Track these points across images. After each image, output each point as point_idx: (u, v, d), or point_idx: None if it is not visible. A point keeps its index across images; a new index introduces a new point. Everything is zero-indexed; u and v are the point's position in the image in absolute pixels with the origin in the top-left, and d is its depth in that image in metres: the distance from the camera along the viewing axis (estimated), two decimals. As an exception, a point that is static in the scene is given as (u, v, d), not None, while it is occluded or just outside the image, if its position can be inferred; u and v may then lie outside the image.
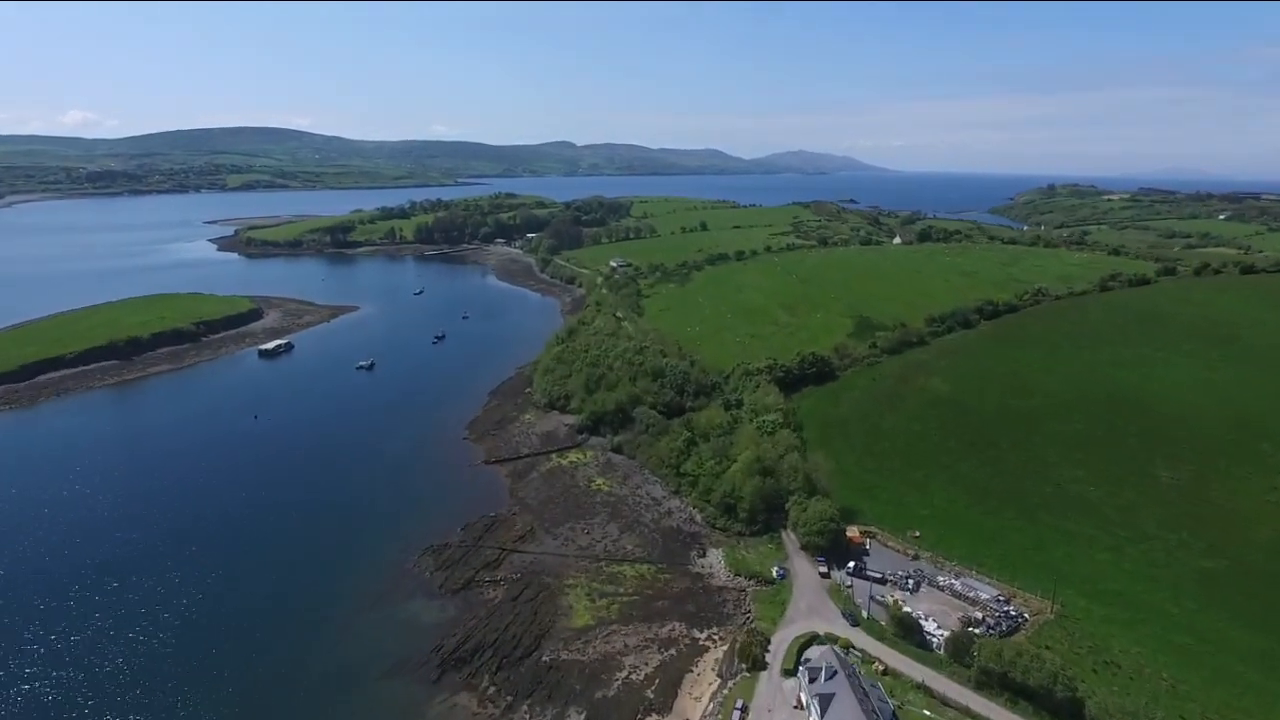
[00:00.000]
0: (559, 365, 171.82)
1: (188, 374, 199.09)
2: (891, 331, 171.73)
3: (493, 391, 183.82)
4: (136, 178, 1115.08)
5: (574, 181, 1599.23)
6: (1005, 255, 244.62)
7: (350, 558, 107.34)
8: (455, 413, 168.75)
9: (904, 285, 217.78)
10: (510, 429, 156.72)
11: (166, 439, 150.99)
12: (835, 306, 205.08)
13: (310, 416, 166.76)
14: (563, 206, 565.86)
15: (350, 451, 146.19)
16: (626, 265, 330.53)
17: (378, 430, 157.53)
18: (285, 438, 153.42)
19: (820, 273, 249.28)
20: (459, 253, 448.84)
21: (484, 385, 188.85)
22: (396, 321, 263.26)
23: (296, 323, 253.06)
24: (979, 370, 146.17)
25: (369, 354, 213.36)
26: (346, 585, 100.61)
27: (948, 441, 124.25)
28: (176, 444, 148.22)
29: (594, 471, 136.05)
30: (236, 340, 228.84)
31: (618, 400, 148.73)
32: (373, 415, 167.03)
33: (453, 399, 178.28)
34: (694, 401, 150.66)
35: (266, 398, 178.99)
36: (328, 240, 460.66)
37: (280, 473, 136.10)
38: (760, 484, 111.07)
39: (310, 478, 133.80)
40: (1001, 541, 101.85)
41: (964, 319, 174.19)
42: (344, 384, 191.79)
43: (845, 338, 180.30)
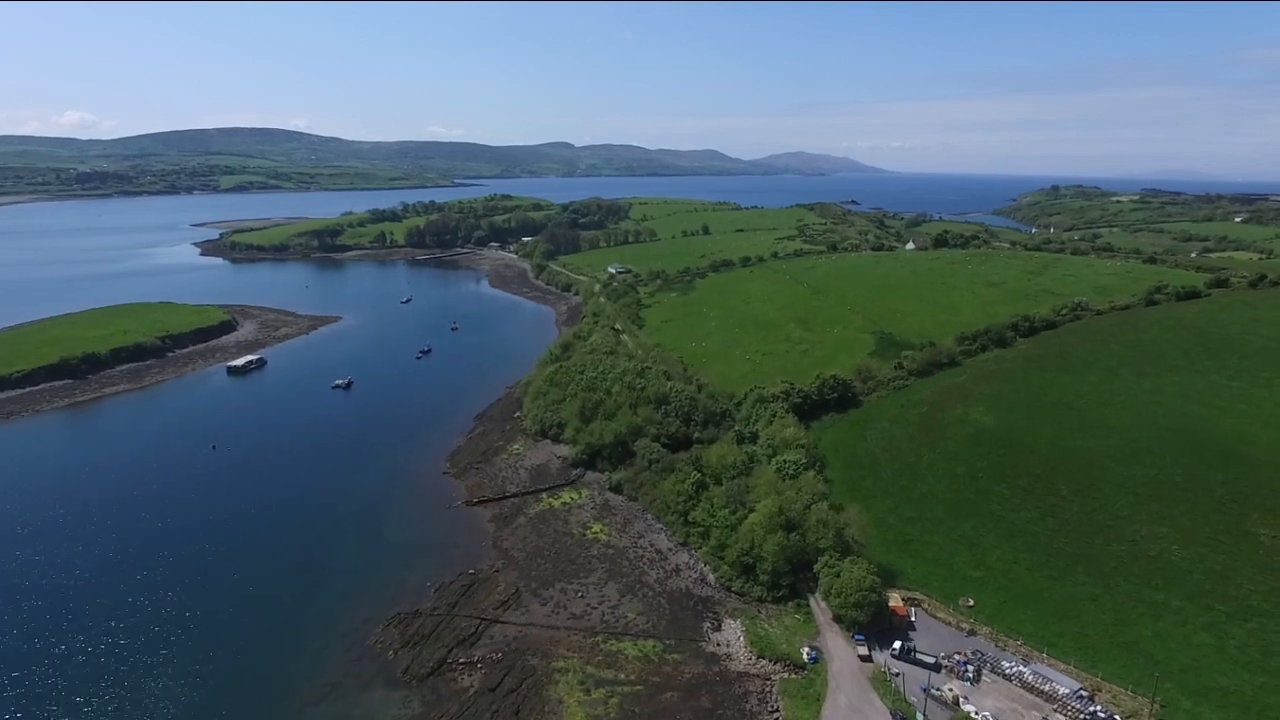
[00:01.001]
0: (551, 388, 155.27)
1: (147, 395, 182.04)
2: (919, 351, 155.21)
3: (479, 415, 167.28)
4: (127, 179, 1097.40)
5: (572, 183, 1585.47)
6: (1031, 263, 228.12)
7: (302, 633, 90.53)
8: (436, 441, 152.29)
9: (926, 297, 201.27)
10: (496, 462, 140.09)
11: (104, 475, 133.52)
12: (853, 321, 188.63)
13: (275, 445, 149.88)
14: (560, 209, 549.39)
15: (316, 489, 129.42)
16: (625, 272, 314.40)
17: (349, 462, 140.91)
18: (244, 472, 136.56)
19: (833, 282, 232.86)
20: (451, 257, 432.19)
21: (470, 407, 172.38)
22: (380, 333, 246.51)
23: (273, 335, 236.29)
24: (1025, 399, 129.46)
25: (347, 371, 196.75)
26: (294, 671, 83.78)
27: (998, 486, 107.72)
28: (116, 480, 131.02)
29: (589, 515, 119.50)
30: (205, 356, 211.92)
31: (616, 431, 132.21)
32: (345, 444, 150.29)
33: (435, 424, 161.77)
34: (702, 432, 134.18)
35: (229, 423, 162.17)
36: (315, 244, 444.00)
37: (232, 518, 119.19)
38: (784, 541, 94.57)
39: (266, 525, 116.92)
40: (1075, 615, 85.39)
41: (998, 337, 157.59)
42: (317, 406, 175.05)
43: (866, 357, 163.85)
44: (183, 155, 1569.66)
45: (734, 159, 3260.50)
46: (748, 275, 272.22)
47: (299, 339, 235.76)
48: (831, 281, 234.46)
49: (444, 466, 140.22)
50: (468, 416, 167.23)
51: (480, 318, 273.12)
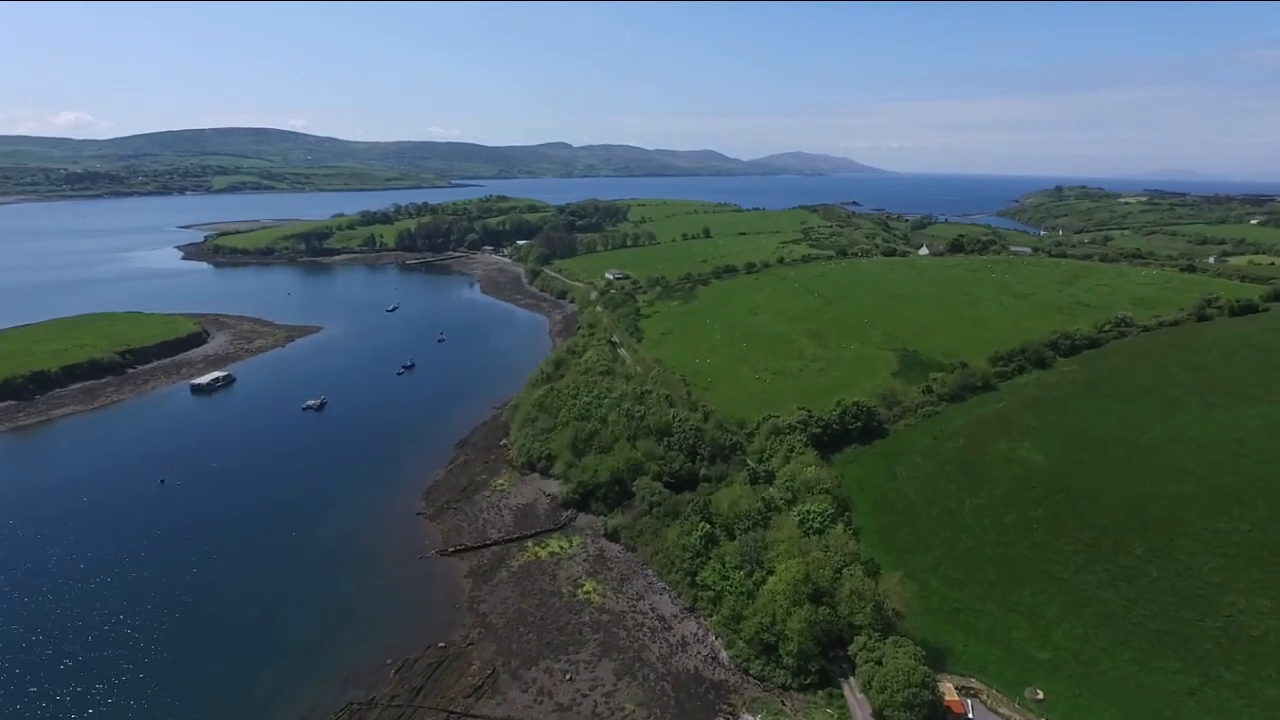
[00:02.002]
0: (541, 414, 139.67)
1: (99, 417, 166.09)
2: (949, 373, 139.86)
3: (461, 442, 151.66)
4: (118, 179, 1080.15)
5: (570, 183, 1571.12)
6: (1059, 272, 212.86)
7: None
8: (413, 473, 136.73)
9: (949, 309, 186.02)
10: (477, 500, 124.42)
11: (26, 517, 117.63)
12: (872, 335, 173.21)
13: (232, 478, 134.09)
14: (556, 210, 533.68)
15: (272, 534, 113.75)
16: (623, 278, 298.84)
17: (313, 500, 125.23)
18: (192, 511, 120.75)
19: (846, 291, 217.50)
20: (443, 261, 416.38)
21: (452, 432, 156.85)
22: (362, 345, 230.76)
23: (246, 348, 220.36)
24: (1079, 433, 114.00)
25: (322, 389, 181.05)
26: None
27: (1057, 541, 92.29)
28: (39, 523, 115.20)
29: (581, 569, 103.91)
30: (169, 372, 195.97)
31: (613, 468, 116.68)
32: (310, 477, 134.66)
33: (412, 452, 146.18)
34: (710, 468, 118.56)
35: (185, 451, 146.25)
36: (302, 248, 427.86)
37: (170, 572, 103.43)
38: (811, 615, 79.08)
39: (208, 583, 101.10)
40: (1171, 717, 69.99)
41: (1037, 356, 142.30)
42: (284, 430, 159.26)
43: (889, 378, 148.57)
44: (177, 155, 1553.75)
45: (732, 159, 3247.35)
46: (753, 283, 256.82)
47: (274, 352, 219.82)
48: (844, 290, 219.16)
49: (419, 505, 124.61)
50: (449, 443, 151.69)
51: (470, 328, 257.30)
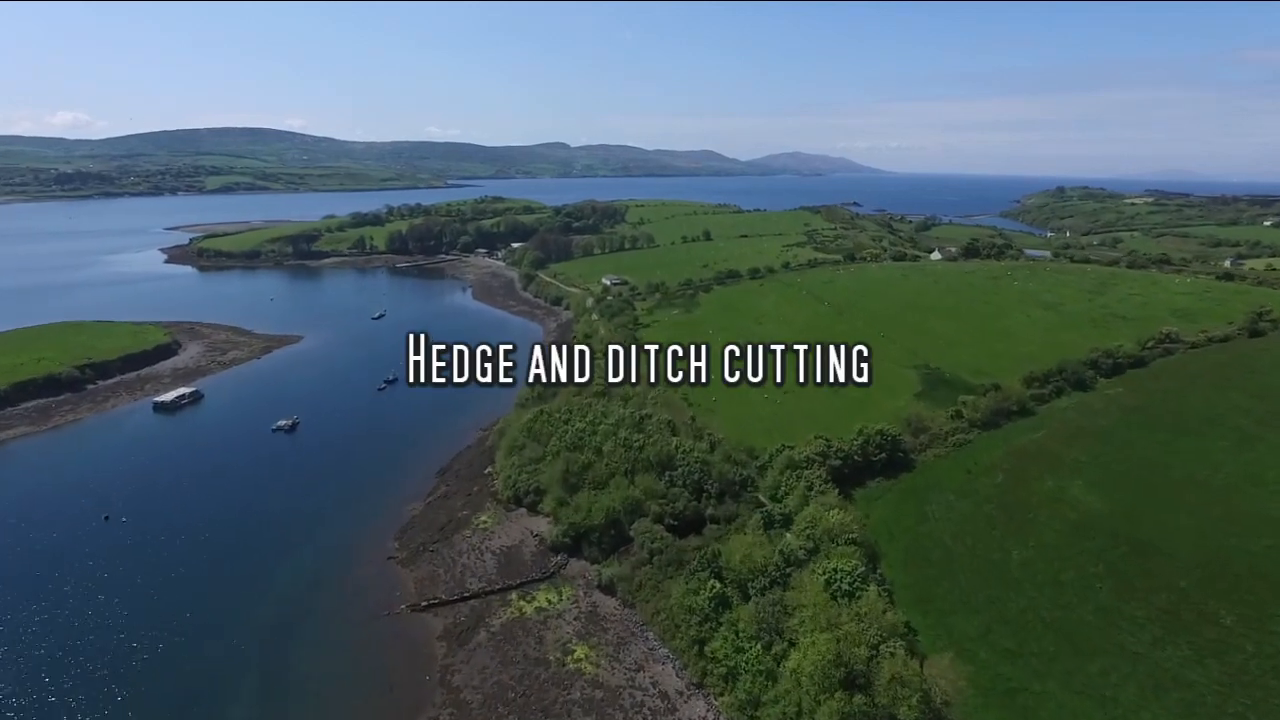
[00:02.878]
0: (529, 441, 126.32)
1: (50, 439, 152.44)
2: (980, 395, 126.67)
3: (443, 470, 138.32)
4: (109, 179, 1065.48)
5: (568, 184, 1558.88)
6: (1087, 280, 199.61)
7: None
8: (387, 506, 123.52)
9: (971, 320, 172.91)
10: (457, 541, 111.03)
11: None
12: (890, 350, 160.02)
13: (186, 514, 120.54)
14: (552, 212, 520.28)
15: (220, 587, 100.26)
16: (621, 283, 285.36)
17: (273, 541, 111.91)
18: (132, 557, 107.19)
19: (858, 299, 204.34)
20: (435, 265, 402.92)
21: (433, 458, 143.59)
22: (343, 357, 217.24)
23: (219, 360, 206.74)
24: (1137, 471, 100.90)
25: (296, 406, 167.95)
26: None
27: (1126, 605, 79.10)
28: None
29: (572, 629, 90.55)
30: (133, 388, 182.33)
31: (608, 508, 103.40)
32: (274, 512, 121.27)
33: (388, 481, 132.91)
34: (718, 507, 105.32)
35: (138, 480, 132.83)
36: (289, 250, 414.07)
37: (100, 633, 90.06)
38: (845, 706, 65.89)
39: (140, 649, 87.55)
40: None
41: (1076, 377, 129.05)
42: (251, 455, 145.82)
43: (912, 399, 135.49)
44: (172, 155, 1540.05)
45: (731, 159, 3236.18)
46: (758, 289, 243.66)
47: (248, 365, 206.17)
48: (855, 299, 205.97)
49: (391, 547, 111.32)
50: (429, 471, 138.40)
51: (459, 337, 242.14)
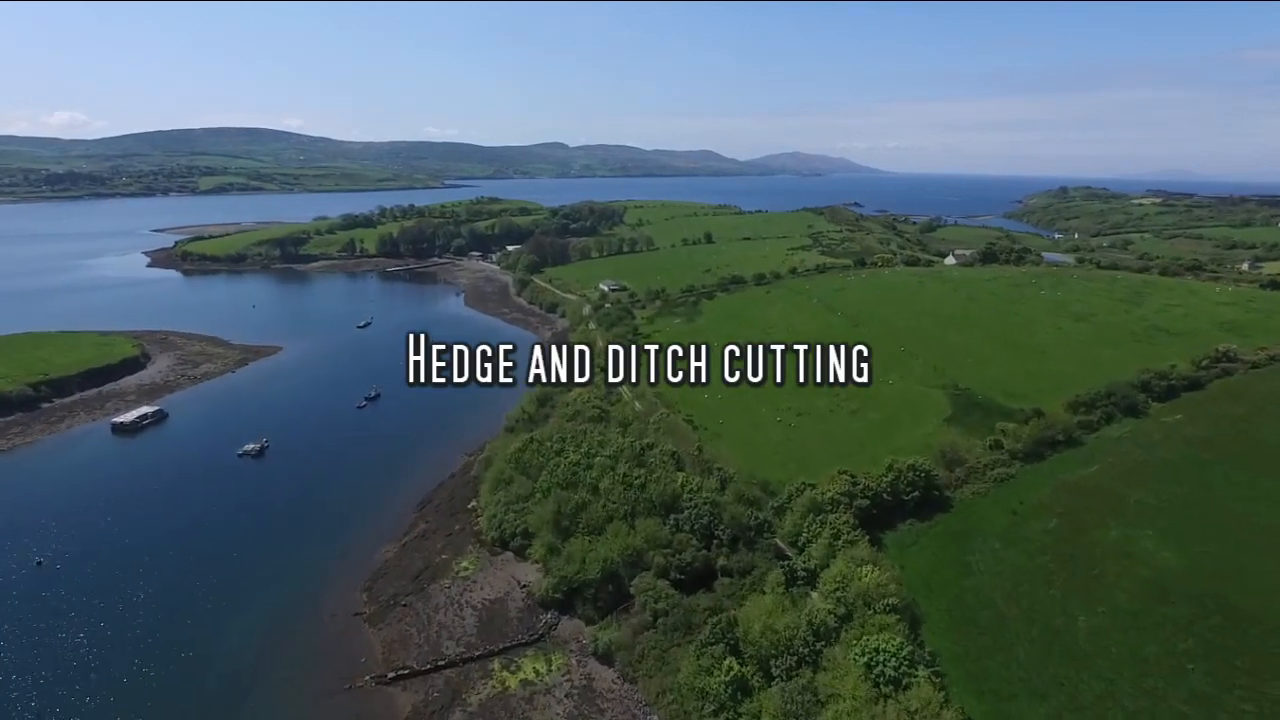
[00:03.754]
0: (517, 474, 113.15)
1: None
2: (1021, 423, 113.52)
3: (423, 503, 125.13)
4: (100, 180, 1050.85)
5: (565, 184, 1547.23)
6: (1118, 288, 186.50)
7: None
8: (358, 547, 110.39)
9: (999, 334, 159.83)
10: (433, 593, 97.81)
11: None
12: (913, 367, 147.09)
13: (130, 556, 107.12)
14: (549, 213, 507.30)
15: (156, 651, 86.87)
16: (620, 289, 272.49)
17: (225, 591, 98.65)
18: (64, 611, 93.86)
19: (873, 309, 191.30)
20: (427, 269, 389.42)
21: (413, 488, 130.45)
22: (323, 370, 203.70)
23: (189, 374, 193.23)
24: (1215, 515, 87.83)
25: (268, 426, 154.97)
26: None
27: (1229, 695, 65.87)
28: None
29: (563, 709, 77.28)
30: (92, 406, 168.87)
31: (605, 559, 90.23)
32: (230, 554, 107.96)
33: (361, 517, 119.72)
34: (729, 556, 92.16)
35: (84, 512, 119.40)
36: (277, 254, 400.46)
37: (12, 708, 76.92)
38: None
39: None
40: None
41: (1127, 401, 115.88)
42: (212, 484, 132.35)
43: (942, 424, 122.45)
44: (166, 155, 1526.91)
45: (730, 159, 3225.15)
46: (764, 297, 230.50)
47: (221, 379, 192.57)
48: (870, 308, 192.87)
49: (358, 599, 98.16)
50: (408, 503, 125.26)
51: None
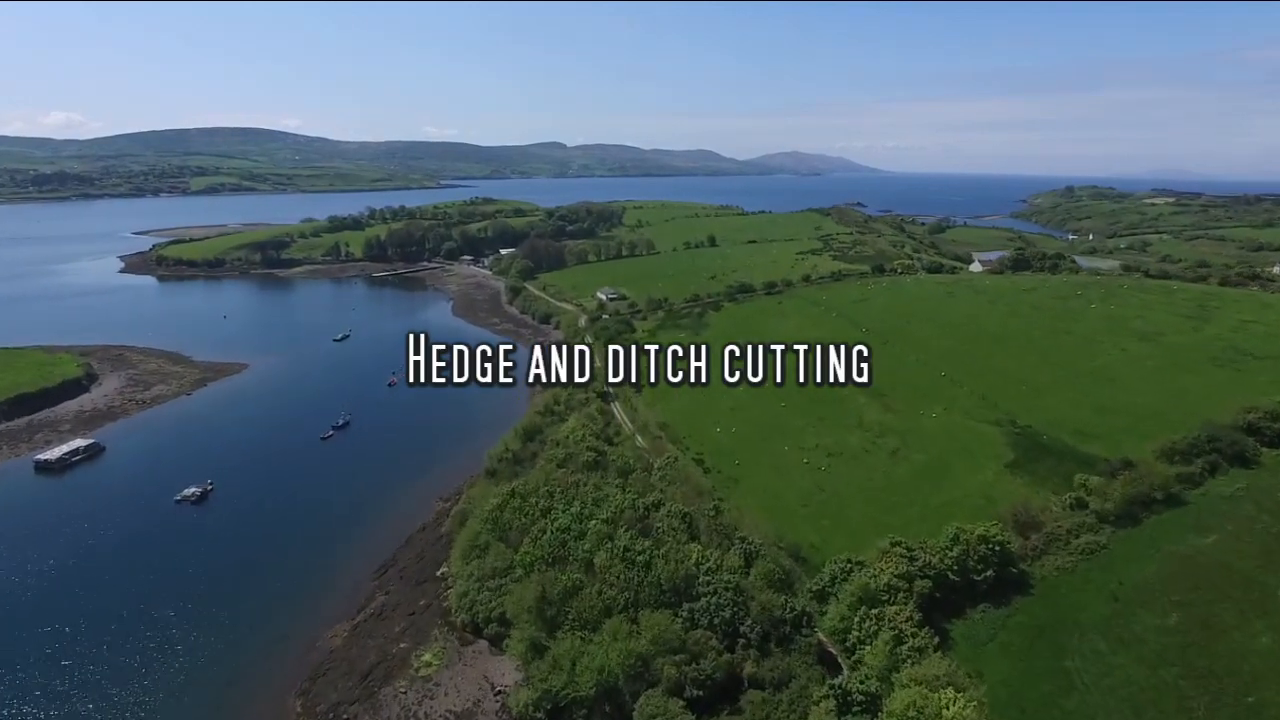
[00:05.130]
0: (494, 539, 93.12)
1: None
2: (1107, 477, 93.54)
3: (385, 566, 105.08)
4: (89, 181, 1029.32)
5: (563, 184, 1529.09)
6: (1179, 302, 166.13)
7: None
8: (299, 630, 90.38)
9: (1054, 356, 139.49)
10: (384, 701, 77.60)
11: None
12: (957, 396, 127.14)
13: (20, 634, 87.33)
14: (545, 214, 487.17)
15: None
16: (619, 298, 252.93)
17: (126, 698, 78.67)
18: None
19: (901, 324, 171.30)
20: (415, 274, 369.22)
21: (375, 545, 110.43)
22: (290, 392, 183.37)
23: (138, 398, 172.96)
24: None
25: (214, 466, 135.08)
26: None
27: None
28: None
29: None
30: (18, 439, 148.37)
31: (601, 670, 70.08)
32: (140, 643, 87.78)
33: (308, 585, 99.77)
34: (759, 663, 72.19)
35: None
36: (257, 258, 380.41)
37: None
38: None
39: None
40: None
41: (1234, 448, 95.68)
42: (137, 540, 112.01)
43: (1002, 471, 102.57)
44: (160, 156, 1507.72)
45: (729, 159, 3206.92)
46: (776, 308, 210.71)
47: (173, 404, 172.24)
48: (898, 323, 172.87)
49: (290, 709, 78.12)
50: (367, 566, 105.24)
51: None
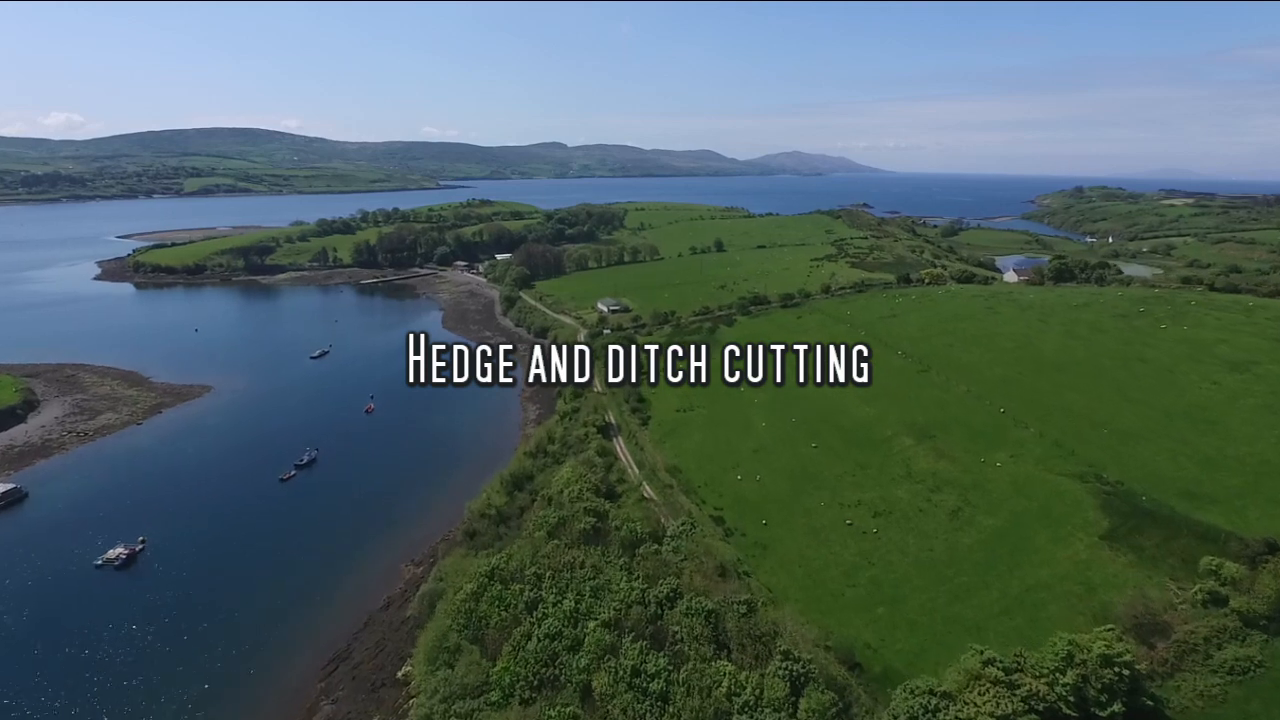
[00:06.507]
0: (466, 640, 73.40)
1: None
2: (1245, 564, 73.90)
3: (334, 660, 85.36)
4: (80, 182, 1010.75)
5: (564, 184, 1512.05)
6: (1262, 322, 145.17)
7: None
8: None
9: (1134, 392, 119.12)
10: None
11: None
12: (1024, 440, 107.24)
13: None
14: (543, 217, 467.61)
15: None
16: (621, 310, 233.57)
17: None
18: None
19: (941, 348, 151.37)
20: (406, 280, 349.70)
21: (326, 628, 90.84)
22: (254, 421, 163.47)
23: (79, 430, 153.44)
24: None
25: (149, 518, 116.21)
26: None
27: None
28: None
29: None
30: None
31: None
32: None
33: (239, 684, 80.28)
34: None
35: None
36: (240, 264, 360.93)
37: None
38: None
39: None
40: None
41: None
42: (43, 614, 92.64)
43: (1097, 544, 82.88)
44: (157, 156, 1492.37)
45: (730, 159, 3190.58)
46: (796, 323, 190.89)
47: (120, 435, 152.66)
48: (938, 345, 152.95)
49: None
50: (314, 658, 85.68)
51: (415, 387, 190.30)
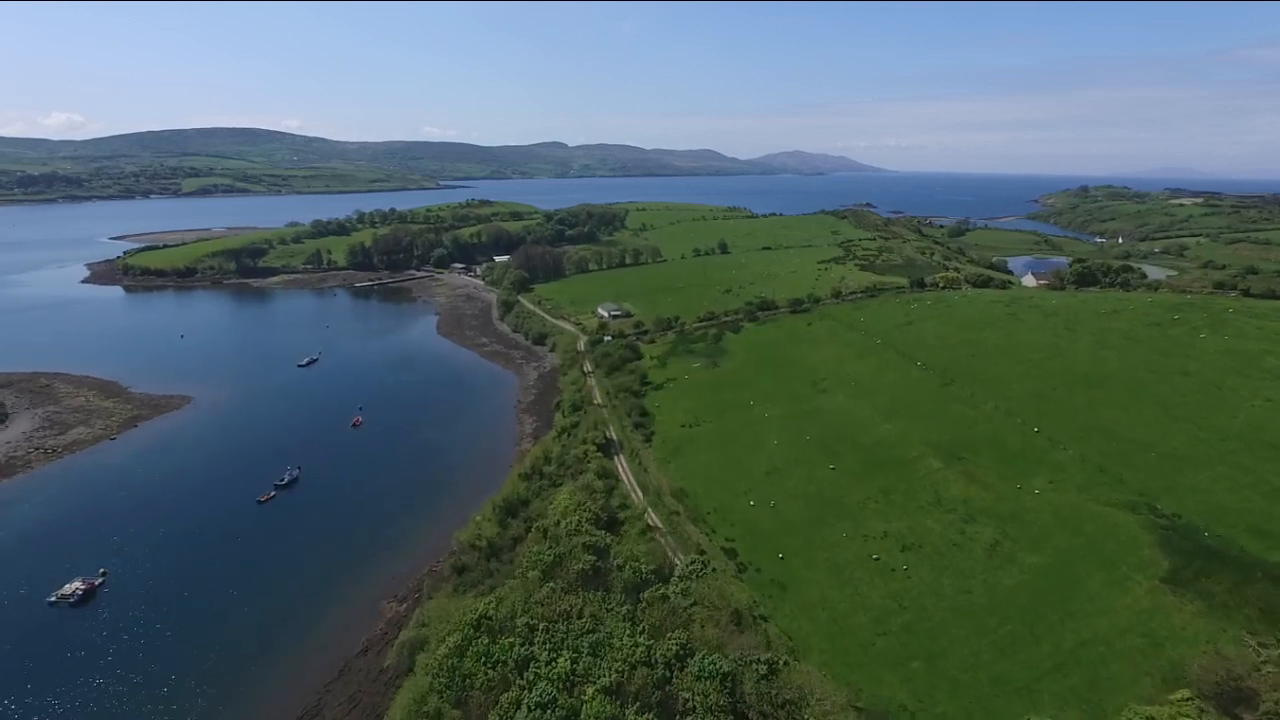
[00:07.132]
0: (447, 704, 64.33)
1: None
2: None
3: (304, 716, 76.53)
4: (76, 182, 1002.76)
5: (565, 184, 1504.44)
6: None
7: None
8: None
9: (1180, 410, 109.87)
10: None
11: None
12: (1064, 464, 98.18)
13: None
14: (543, 217, 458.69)
15: None
16: (623, 315, 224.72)
17: None
18: None
19: (964, 359, 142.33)
20: (401, 283, 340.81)
21: (296, 678, 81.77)
22: (234, 435, 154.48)
23: (48, 445, 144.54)
24: None
25: (113, 548, 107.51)
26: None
27: None
28: None
29: None
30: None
31: None
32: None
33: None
34: None
35: None
36: (232, 266, 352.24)
37: None
38: None
39: None
40: None
41: None
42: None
43: (1157, 588, 73.97)
44: (156, 156, 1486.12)
45: (731, 159, 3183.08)
46: (806, 331, 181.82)
47: (90, 452, 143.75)
48: (960, 355, 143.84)
49: None
50: (281, 714, 76.69)
51: (405, 397, 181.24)
